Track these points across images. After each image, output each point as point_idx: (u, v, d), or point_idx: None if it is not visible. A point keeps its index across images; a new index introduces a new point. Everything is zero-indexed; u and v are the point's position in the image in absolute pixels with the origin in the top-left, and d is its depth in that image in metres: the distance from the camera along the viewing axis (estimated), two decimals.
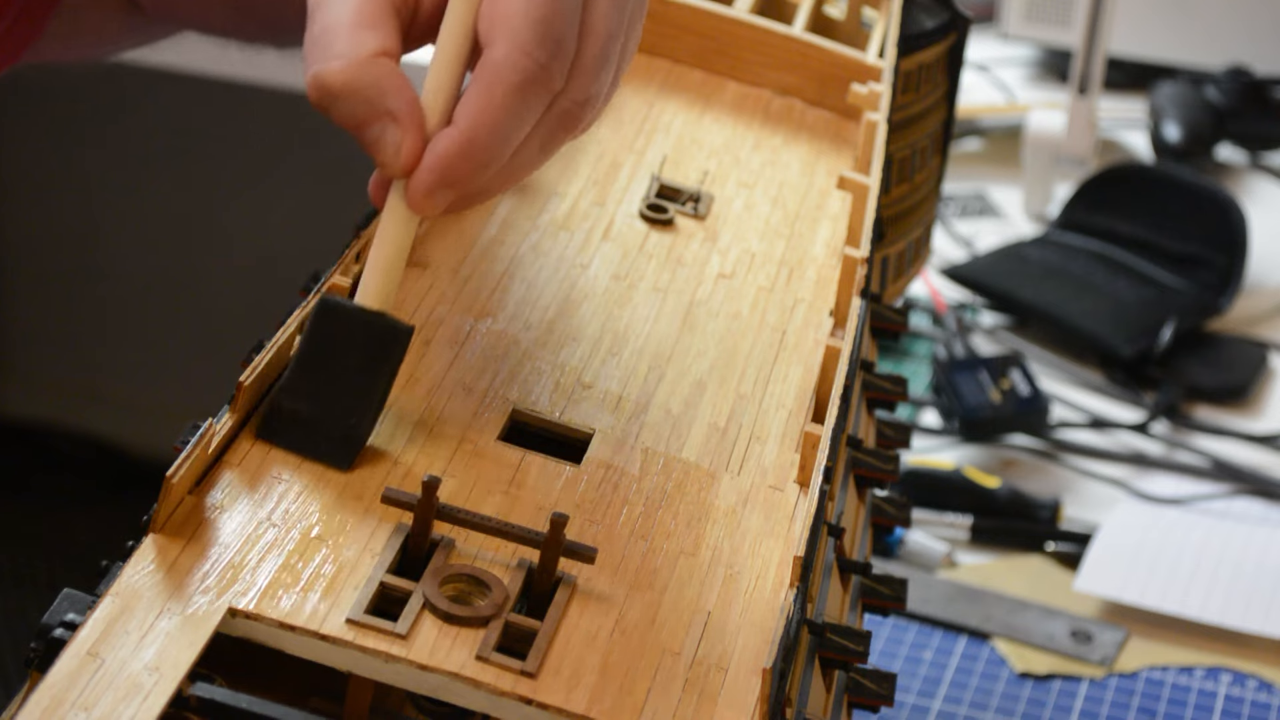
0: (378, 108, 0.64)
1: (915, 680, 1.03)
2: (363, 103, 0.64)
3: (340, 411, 0.64)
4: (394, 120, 0.64)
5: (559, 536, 0.61)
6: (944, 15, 1.01)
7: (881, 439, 0.82)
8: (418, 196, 0.65)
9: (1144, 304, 1.39)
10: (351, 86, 0.64)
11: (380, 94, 0.64)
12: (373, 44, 0.64)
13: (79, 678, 0.54)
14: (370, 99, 0.64)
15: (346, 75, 0.64)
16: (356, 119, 0.64)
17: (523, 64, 0.64)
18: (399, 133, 0.64)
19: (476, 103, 0.64)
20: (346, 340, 0.65)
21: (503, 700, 0.57)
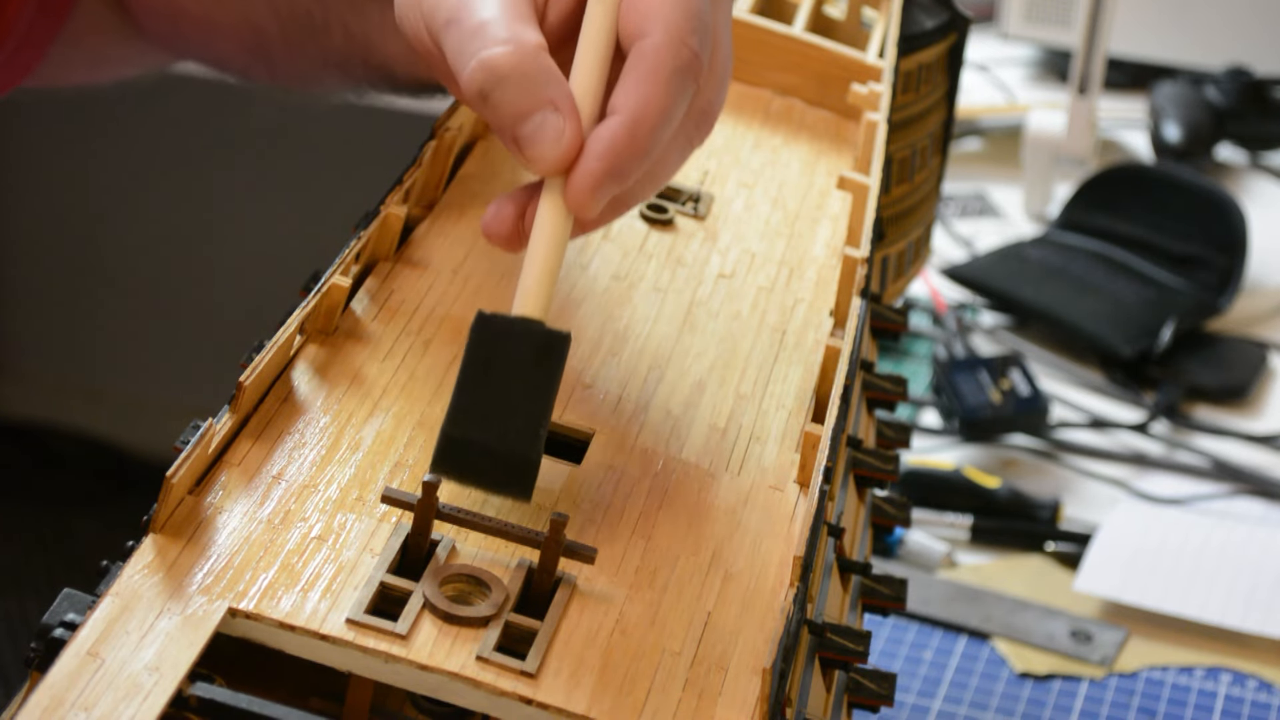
0: (540, 96, 0.63)
1: (915, 680, 1.03)
2: (527, 90, 0.63)
3: (511, 434, 0.62)
4: (556, 109, 0.63)
5: (559, 536, 0.61)
6: (944, 15, 1.01)
7: (881, 439, 0.82)
8: (585, 189, 0.63)
9: (1144, 304, 1.39)
10: (519, 70, 0.63)
11: (544, 82, 0.63)
12: (534, 36, 0.64)
13: (79, 678, 0.54)
14: (535, 86, 0.63)
15: (515, 60, 0.63)
16: (518, 107, 0.63)
17: (681, 51, 0.64)
18: (561, 121, 0.63)
19: (640, 89, 0.63)
20: (506, 355, 0.63)
21: (503, 700, 0.57)
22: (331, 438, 0.65)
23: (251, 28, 0.86)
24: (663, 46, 0.64)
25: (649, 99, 0.63)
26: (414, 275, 0.74)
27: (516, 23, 0.64)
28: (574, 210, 0.64)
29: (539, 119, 0.63)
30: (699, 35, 0.65)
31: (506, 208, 0.66)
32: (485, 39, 0.63)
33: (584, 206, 0.64)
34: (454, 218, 0.78)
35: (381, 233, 0.74)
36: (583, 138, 0.64)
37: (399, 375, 0.69)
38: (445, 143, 0.79)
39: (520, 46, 0.63)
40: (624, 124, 0.63)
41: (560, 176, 0.64)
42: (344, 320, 0.71)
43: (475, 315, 0.63)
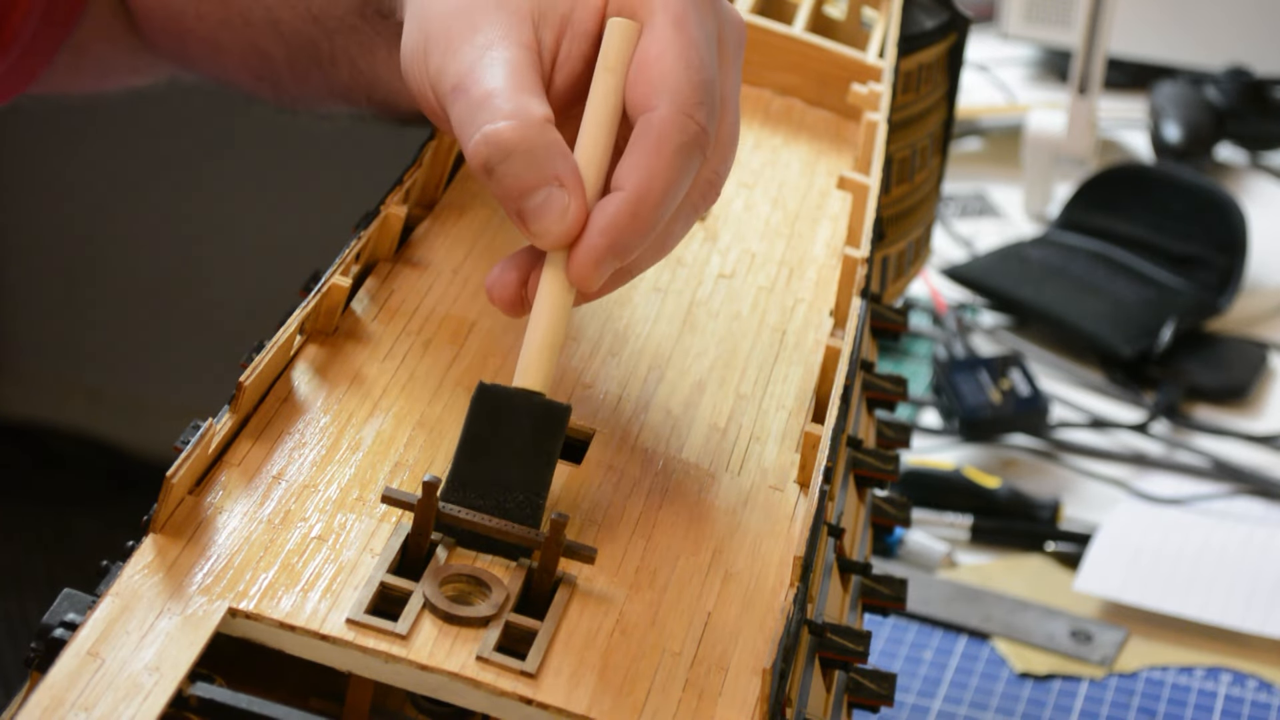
0: (545, 171, 0.63)
1: (915, 680, 1.03)
2: (532, 165, 0.63)
3: (511, 505, 0.62)
4: (561, 184, 0.63)
5: (559, 536, 0.61)
6: (944, 15, 1.01)
7: (881, 439, 0.82)
8: (587, 265, 0.63)
9: (1144, 304, 1.39)
10: (525, 146, 0.62)
11: (549, 157, 0.63)
12: (540, 109, 0.63)
13: (79, 678, 0.54)
14: (540, 161, 0.63)
15: (519, 135, 0.62)
16: (523, 182, 0.63)
17: (687, 125, 0.64)
18: (566, 197, 0.63)
19: (645, 165, 0.63)
20: (507, 426, 0.63)
21: (503, 700, 0.57)
22: (331, 438, 0.65)
23: (258, 53, 0.86)
24: (669, 121, 0.64)
25: (654, 175, 0.63)
26: (414, 275, 0.74)
27: (523, 94, 0.64)
28: (576, 284, 0.64)
29: (543, 194, 0.63)
30: (706, 108, 0.64)
31: (509, 273, 0.66)
32: (491, 111, 0.63)
33: (586, 281, 0.64)
34: (454, 218, 0.78)
35: (381, 233, 0.74)
36: (587, 213, 0.63)
37: (399, 375, 0.69)
38: (445, 143, 0.79)
39: (526, 121, 0.63)
40: (628, 201, 0.63)
41: (563, 250, 0.64)
42: (344, 320, 0.71)
43: (477, 386, 0.63)
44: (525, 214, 0.63)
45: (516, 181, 0.63)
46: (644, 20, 0.66)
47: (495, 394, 0.63)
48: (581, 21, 0.67)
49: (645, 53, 0.66)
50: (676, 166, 0.63)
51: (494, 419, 0.63)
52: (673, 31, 0.66)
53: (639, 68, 0.65)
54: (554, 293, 0.64)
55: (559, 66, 0.67)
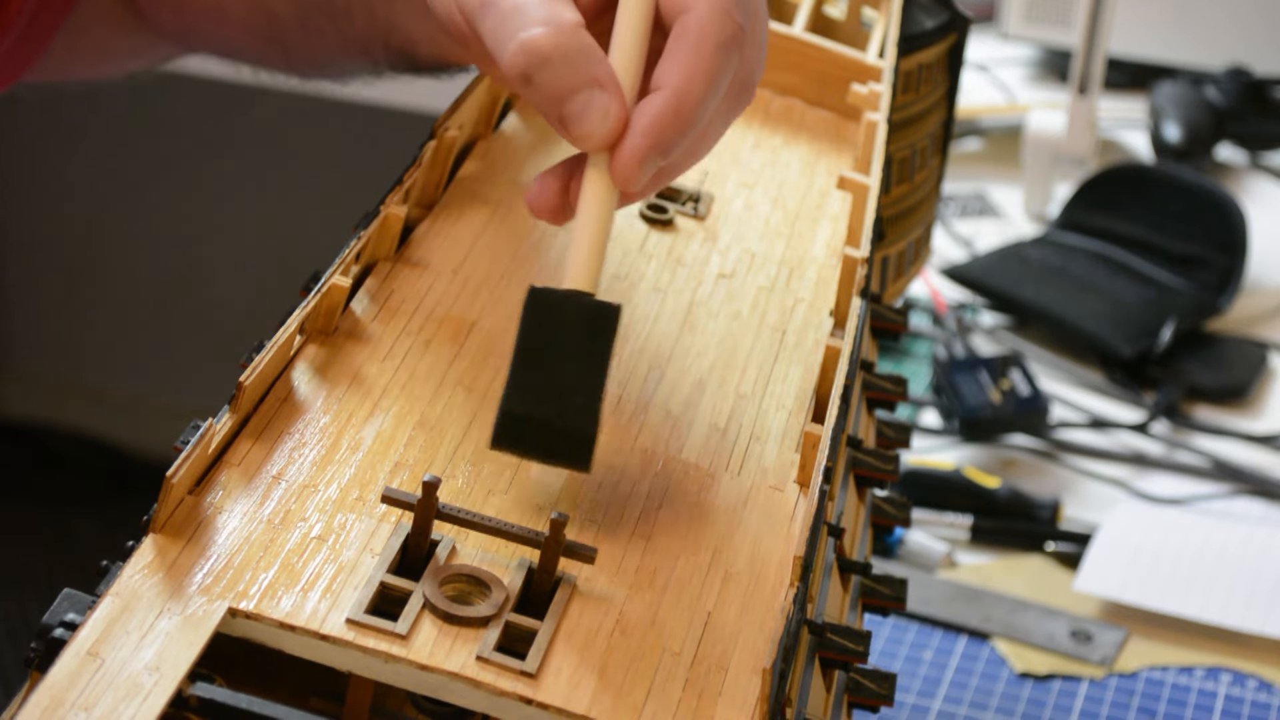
0: (584, 74, 0.63)
1: (915, 680, 1.03)
2: (570, 69, 0.63)
3: (570, 409, 0.63)
4: (600, 86, 0.63)
5: (559, 536, 0.61)
6: (944, 15, 1.01)
7: (881, 439, 0.82)
8: (631, 165, 0.64)
9: (1144, 304, 1.39)
10: (561, 51, 0.63)
11: (587, 60, 0.63)
12: (572, 15, 0.64)
13: (79, 678, 0.54)
14: (578, 65, 0.63)
15: (556, 40, 0.63)
16: (562, 87, 0.63)
17: (725, 23, 0.64)
18: (606, 99, 0.63)
19: (685, 62, 0.64)
20: (561, 328, 0.63)
21: (503, 700, 0.57)
22: (331, 438, 0.65)
23: (264, 12, 0.85)
24: (707, 20, 0.64)
25: (694, 74, 0.64)
26: (414, 275, 0.74)
27: (553, 1, 0.64)
28: (620, 185, 0.64)
29: (584, 98, 0.63)
30: (742, 7, 0.65)
31: (550, 182, 0.66)
32: (524, 20, 0.63)
33: (630, 181, 0.64)
34: (454, 218, 0.78)
35: (381, 233, 0.74)
36: (628, 113, 0.64)
37: (399, 375, 0.69)
38: (445, 143, 0.79)
39: (560, 26, 0.63)
40: (669, 99, 0.63)
41: (605, 152, 0.65)
42: (344, 320, 0.71)
43: (528, 290, 0.63)
44: (567, 118, 0.64)
45: (556, 87, 0.63)
46: None
47: (547, 297, 0.63)
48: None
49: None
50: (716, 64, 0.64)
51: (547, 322, 0.63)
52: None
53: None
54: (598, 194, 0.65)
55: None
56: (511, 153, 0.84)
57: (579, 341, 0.63)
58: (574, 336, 0.63)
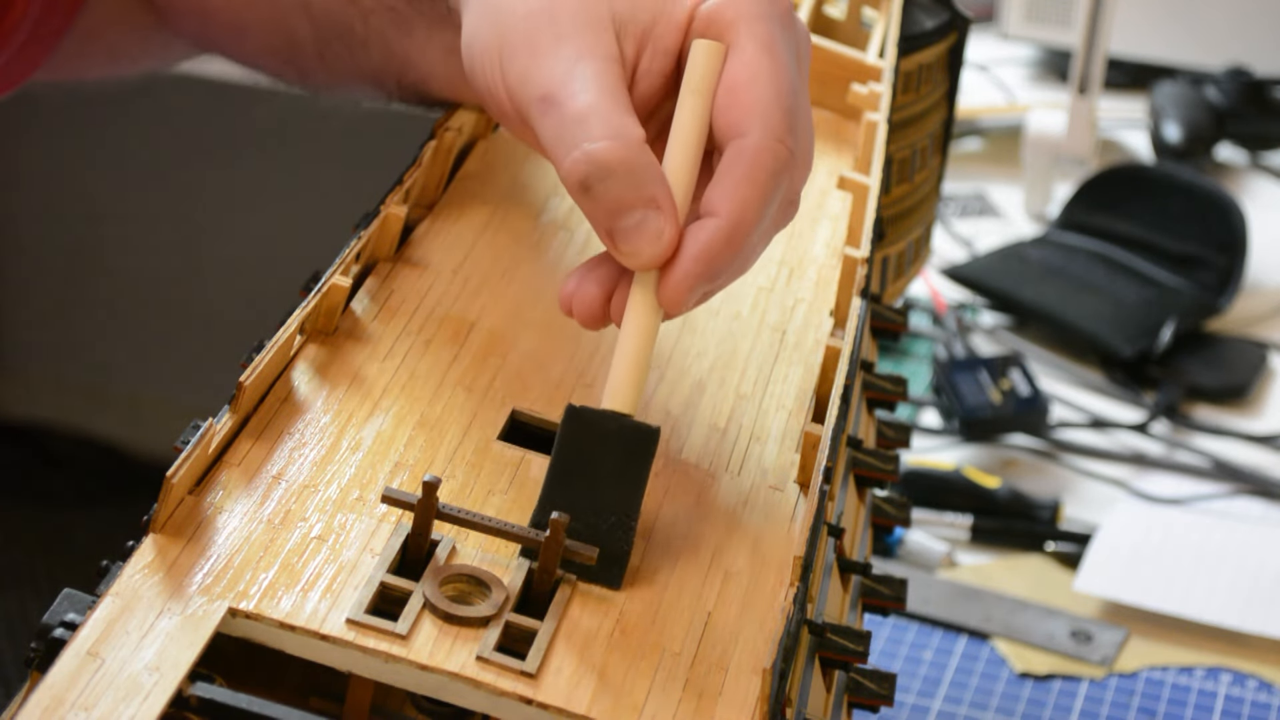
0: (643, 193, 0.63)
1: (915, 680, 1.03)
2: (631, 186, 0.63)
3: (604, 527, 0.62)
4: (656, 207, 0.63)
5: (559, 536, 0.61)
6: (944, 15, 1.01)
7: (881, 439, 0.82)
8: (681, 290, 0.63)
9: (1144, 304, 1.39)
10: (625, 167, 0.62)
11: (648, 179, 0.63)
12: (637, 129, 0.63)
13: (79, 678, 0.54)
14: (638, 183, 0.63)
15: (620, 155, 0.62)
16: (620, 202, 0.63)
17: (779, 150, 0.64)
18: (661, 220, 0.63)
19: (739, 192, 0.63)
20: (598, 447, 0.63)
21: (503, 700, 0.57)
22: (331, 438, 0.65)
23: (284, 35, 0.85)
24: (762, 149, 0.64)
25: (748, 202, 0.63)
26: (414, 275, 0.74)
27: (620, 113, 0.63)
28: (667, 308, 0.64)
29: (639, 216, 0.63)
30: (794, 133, 0.65)
31: (591, 288, 0.65)
32: (590, 130, 0.63)
33: (678, 305, 0.64)
34: (454, 218, 0.78)
35: (381, 233, 0.74)
36: (680, 236, 0.63)
37: (399, 375, 0.69)
38: (445, 143, 0.79)
39: (626, 142, 0.63)
40: (722, 228, 0.63)
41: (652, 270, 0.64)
42: (344, 320, 0.71)
43: (566, 409, 0.63)
44: (617, 233, 0.63)
45: (614, 202, 0.63)
46: (730, 42, 0.66)
47: (585, 417, 0.63)
48: (663, 37, 0.67)
49: (735, 77, 0.65)
50: (768, 192, 0.64)
51: (584, 442, 0.63)
52: (763, 56, 0.65)
53: (729, 92, 0.65)
54: (642, 314, 0.64)
55: (637, 80, 0.67)
56: (511, 153, 0.84)
57: (616, 462, 0.63)
58: (611, 457, 0.63)
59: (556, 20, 0.66)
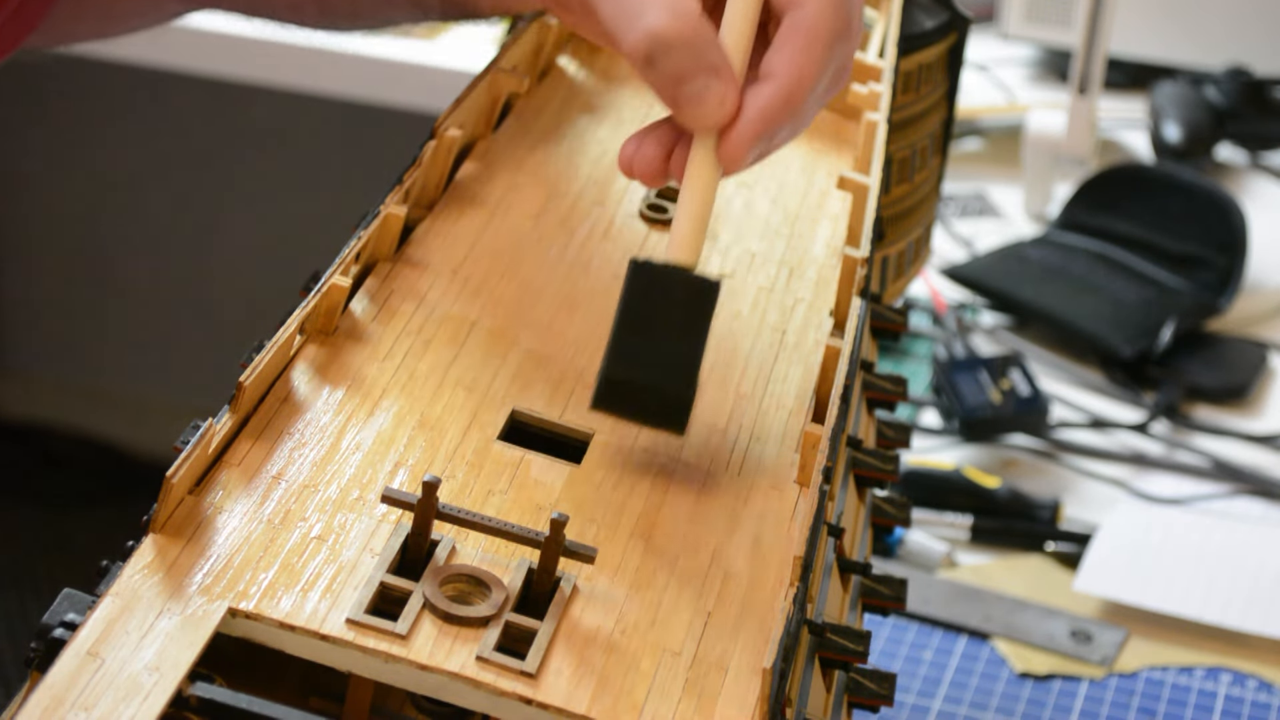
0: (703, 61, 0.66)
1: (915, 680, 1.03)
2: (691, 56, 0.66)
3: (668, 372, 0.65)
4: (716, 74, 0.66)
5: (559, 536, 0.61)
6: (944, 15, 1.01)
7: (881, 439, 0.82)
8: (741, 148, 0.67)
9: (1144, 304, 1.39)
10: (685, 38, 0.66)
11: (707, 47, 0.66)
12: (693, 2, 0.67)
13: (79, 678, 0.54)
14: (698, 53, 0.66)
15: (681, 27, 0.66)
16: (682, 71, 0.66)
17: (834, 19, 0.68)
18: (722, 86, 0.66)
19: (798, 56, 0.67)
20: (662, 299, 0.66)
21: (503, 700, 0.57)
22: (331, 438, 0.65)
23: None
24: (820, 17, 0.67)
25: (804, 67, 0.67)
26: (414, 275, 0.74)
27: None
28: (726, 165, 0.68)
29: (701, 83, 0.66)
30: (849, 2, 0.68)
31: (651, 148, 0.69)
32: (647, 5, 0.66)
33: (737, 162, 0.67)
34: (454, 218, 0.78)
35: (381, 233, 0.74)
36: (740, 99, 0.67)
37: (399, 375, 0.69)
38: (445, 143, 0.79)
39: (686, 15, 0.66)
40: (780, 90, 0.67)
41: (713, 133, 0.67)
42: (344, 320, 0.71)
43: (630, 263, 0.66)
44: (681, 99, 0.67)
45: (676, 71, 0.66)
46: None
47: (649, 270, 0.66)
48: None
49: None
50: (825, 58, 0.67)
51: (649, 294, 0.66)
52: None
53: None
54: (704, 172, 0.67)
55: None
56: (511, 153, 0.84)
57: (679, 313, 0.66)
58: (675, 307, 0.66)
59: None
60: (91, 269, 2.78)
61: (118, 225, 2.75)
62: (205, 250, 2.73)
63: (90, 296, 2.79)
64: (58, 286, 2.80)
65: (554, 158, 0.84)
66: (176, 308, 2.75)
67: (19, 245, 2.81)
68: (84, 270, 2.78)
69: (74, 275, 2.78)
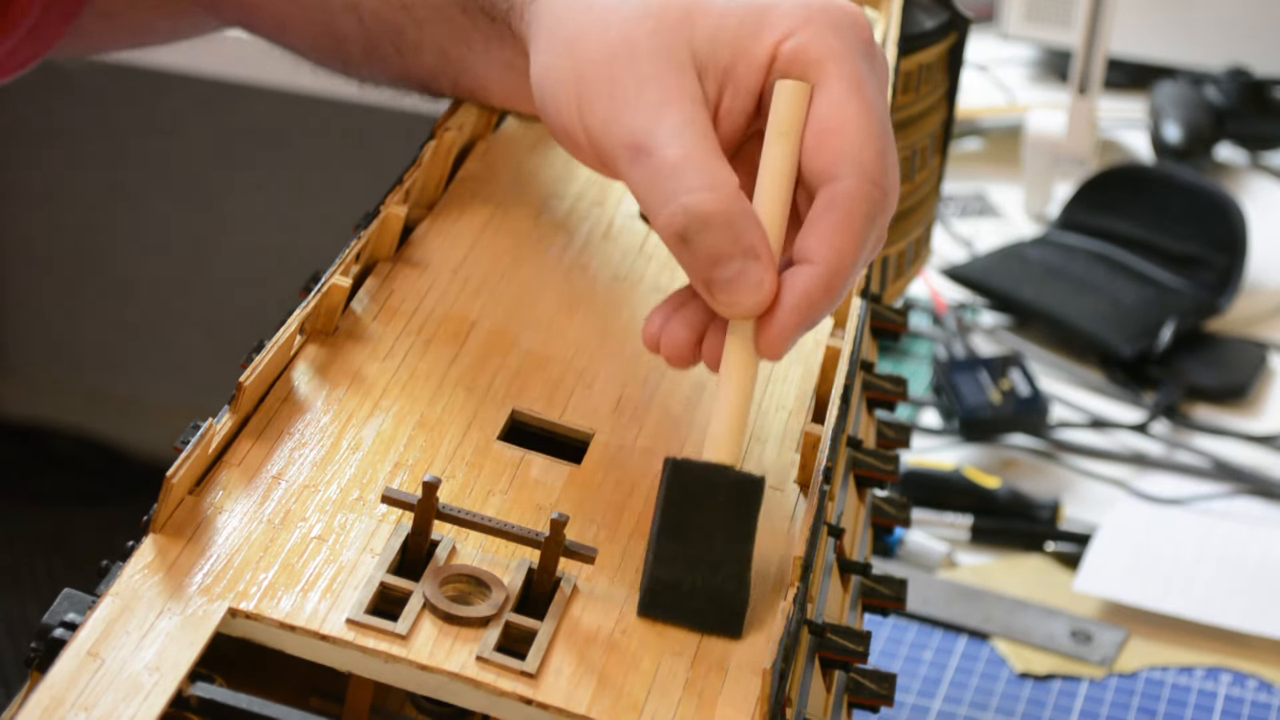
0: (742, 242, 0.62)
1: (915, 680, 1.03)
2: (730, 236, 0.61)
3: (716, 574, 0.62)
4: (755, 257, 0.62)
5: (559, 536, 0.61)
6: (944, 15, 1.01)
7: (881, 439, 0.82)
8: (780, 340, 0.62)
9: (1144, 304, 1.39)
10: (725, 218, 0.61)
11: (746, 227, 0.62)
12: (732, 177, 0.62)
13: (79, 678, 0.54)
14: (737, 233, 0.61)
15: (720, 206, 0.61)
16: (719, 253, 0.62)
17: (874, 195, 0.63)
18: (760, 270, 0.62)
19: (838, 238, 0.62)
20: (704, 500, 0.62)
21: (503, 700, 0.57)
22: (331, 438, 0.65)
23: (330, 35, 0.83)
24: (858, 194, 0.62)
25: (845, 250, 0.62)
26: (414, 275, 0.74)
27: (714, 161, 0.62)
28: (766, 355, 0.63)
29: (738, 266, 0.62)
30: (890, 175, 0.63)
31: (679, 330, 0.64)
32: (685, 181, 0.62)
33: (777, 353, 0.63)
34: (454, 218, 0.78)
35: (381, 233, 0.74)
36: (776, 278, 0.62)
37: (399, 375, 0.69)
38: (445, 143, 0.79)
39: (724, 192, 0.62)
40: (820, 275, 0.62)
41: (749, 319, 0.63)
42: (344, 320, 0.71)
43: (667, 463, 0.62)
44: (715, 283, 0.62)
45: (712, 253, 0.62)
46: (816, 80, 0.64)
47: (690, 471, 0.62)
48: (745, 76, 0.65)
49: (824, 120, 0.64)
50: (864, 237, 0.63)
51: (690, 495, 0.62)
52: (852, 96, 0.64)
53: (819, 136, 0.64)
54: (741, 363, 0.63)
55: (719, 120, 0.65)
56: (511, 153, 0.84)
57: (723, 514, 0.62)
58: (718, 509, 0.62)
59: (637, 60, 0.64)
60: (92, 269, 2.78)
61: (118, 225, 2.75)
62: (205, 250, 2.73)
63: (90, 296, 2.79)
64: (58, 286, 2.80)
65: (554, 158, 0.84)
66: (176, 308, 2.75)
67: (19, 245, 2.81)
68: (84, 270, 2.78)
69: (74, 275, 2.78)
